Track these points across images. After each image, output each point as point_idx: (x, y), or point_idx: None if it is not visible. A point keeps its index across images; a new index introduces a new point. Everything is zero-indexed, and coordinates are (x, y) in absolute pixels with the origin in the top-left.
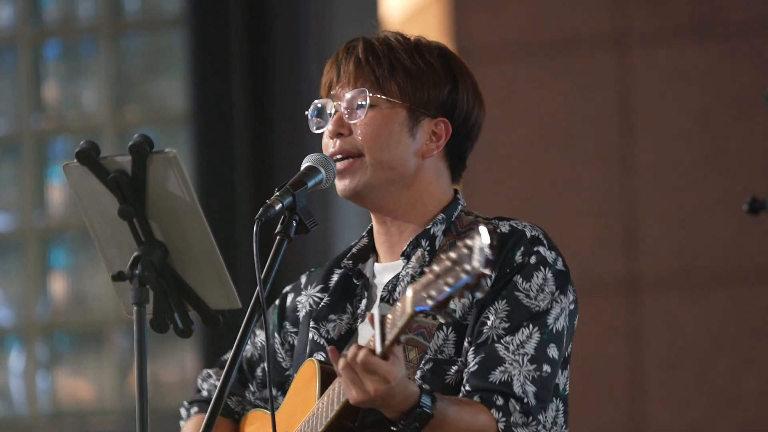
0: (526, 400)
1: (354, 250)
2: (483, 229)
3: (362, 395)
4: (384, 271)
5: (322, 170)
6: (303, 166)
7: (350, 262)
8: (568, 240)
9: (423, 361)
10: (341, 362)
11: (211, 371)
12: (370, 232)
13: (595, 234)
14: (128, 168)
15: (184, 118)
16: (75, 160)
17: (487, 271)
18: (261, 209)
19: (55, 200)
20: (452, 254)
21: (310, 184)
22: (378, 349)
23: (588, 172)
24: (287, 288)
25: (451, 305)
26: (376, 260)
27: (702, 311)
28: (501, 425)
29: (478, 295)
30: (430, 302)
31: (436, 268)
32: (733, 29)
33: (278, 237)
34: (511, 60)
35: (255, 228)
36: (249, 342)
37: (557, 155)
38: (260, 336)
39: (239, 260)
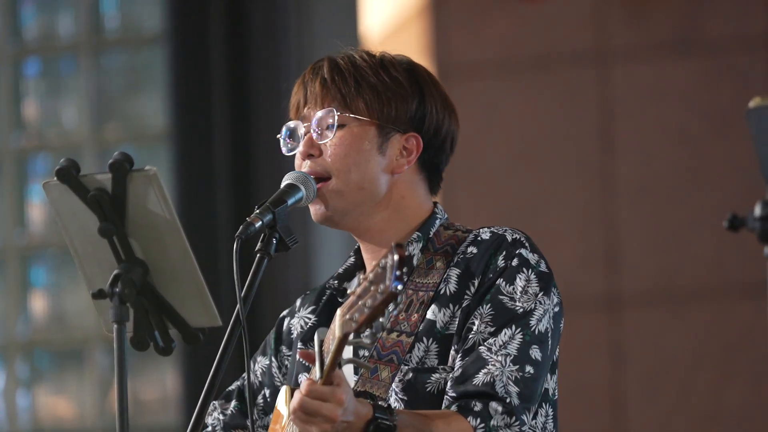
0: (509, 400)
1: (340, 269)
2: (394, 247)
3: (325, 427)
4: None
5: (302, 188)
6: (283, 184)
7: (335, 282)
8: (549, 257)
9: (403, 372)
10: (291, 409)
11: (216, 403)
12: (357, 251)
13: (576, 251)
14: (108, 186)
15: (165, 135)
16: (55, 178)
17: (399, 288)
18: (241, 227)
19: (35, 218)
20: (370, 275)
21: (290, 201)
22: (317, 375)
23: (569, 188)
24: (284, 312)
25: (430, 316)
26: None
27: (683, 328)
28: (480, 431)
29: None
30: (354, 324)
31: (357, 289)
32: (714, 46)
33: (258, 255)
34: (491, 77)
35: (235, 246)
36: (252, 365)
37: (538, 172)
38: (261, 362)
39: (220, 278)
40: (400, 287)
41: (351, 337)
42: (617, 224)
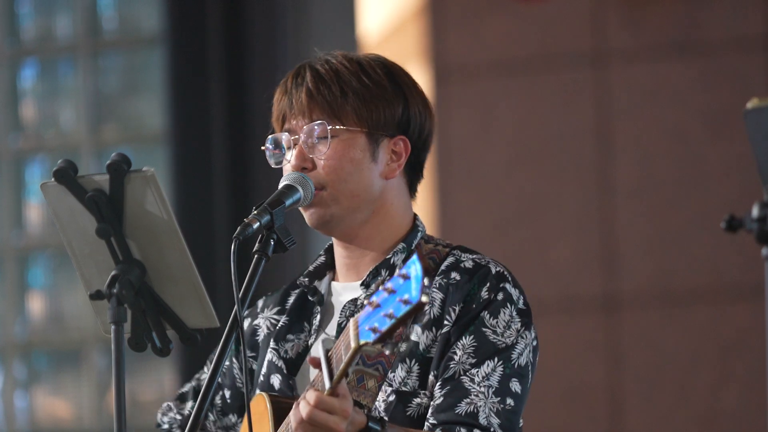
0: (492, 430)
1: (310, 267)
2: (417, 258)
3: None
4: (343, 290)
5: (300, 189)
6: (281, 185)
7: (306, 279)
8: (547, 258)
9: (386, 393)
10: (297, 419)
11: (171, 404)
12: (328, 251)
13: (574, 252)
14: (106, 187)
15: (163, 137)
16: (53, 179)
17: (425, 299)
18: (239, 228)
19: (33, 219)
20: (389, 285)
21: (288, 202)
22: (327, 385)
23: (566, 190)
24: (244, 313)
25: (413, 337)
26: (333, 278)
27: (681, 329)
28: None
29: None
30: (373, 334)
31: (375, 299)
32: (712, 47)
33: (256, 256)
34: (489, 78)
35: (233, 247)
36: (207, 368)
37: (535, 173)
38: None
39: (217, 279)
40: (426, 299)
41: (369, 347)
42: (615, 225)
